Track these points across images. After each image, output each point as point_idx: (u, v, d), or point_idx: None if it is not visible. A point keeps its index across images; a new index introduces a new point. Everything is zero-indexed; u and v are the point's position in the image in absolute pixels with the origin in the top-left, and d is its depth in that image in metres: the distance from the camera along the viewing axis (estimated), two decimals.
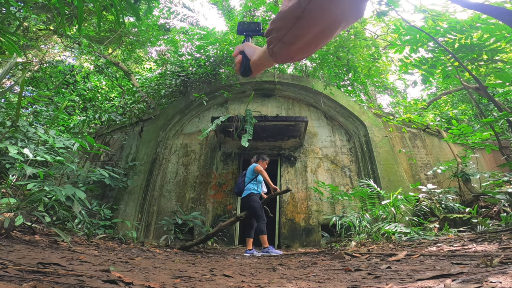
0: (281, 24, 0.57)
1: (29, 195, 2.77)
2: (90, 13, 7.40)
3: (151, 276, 1.59)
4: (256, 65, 0.78)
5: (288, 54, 0.62)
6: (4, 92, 5.00)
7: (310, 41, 0.57)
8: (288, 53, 0.62)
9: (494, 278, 1.09)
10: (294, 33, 0.56)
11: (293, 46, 0.59)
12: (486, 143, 5.32)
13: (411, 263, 1.92)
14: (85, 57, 9.36)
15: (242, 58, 0.80)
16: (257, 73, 0.80)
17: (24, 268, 1.29)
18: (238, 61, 0.82)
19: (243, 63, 0.80)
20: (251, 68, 0.79)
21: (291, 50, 0.60)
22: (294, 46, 0.59)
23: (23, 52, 7.96)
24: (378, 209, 4.10)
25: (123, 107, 7.33)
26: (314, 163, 6.11)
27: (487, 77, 5.21)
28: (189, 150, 6.46)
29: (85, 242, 3.26)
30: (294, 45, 0.59)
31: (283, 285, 1.45)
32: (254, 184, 4.30)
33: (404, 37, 4.84)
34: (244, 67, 0.79)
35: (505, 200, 3.82)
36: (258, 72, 0.80)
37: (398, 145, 6.24)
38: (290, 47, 0.60)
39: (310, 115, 6.73)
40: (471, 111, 9.46)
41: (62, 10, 2.67)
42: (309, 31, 0.54)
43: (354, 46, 6.31)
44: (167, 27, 9.96)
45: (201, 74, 6.96)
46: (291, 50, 0.60)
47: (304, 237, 5.29)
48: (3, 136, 3.49)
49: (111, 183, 5.09)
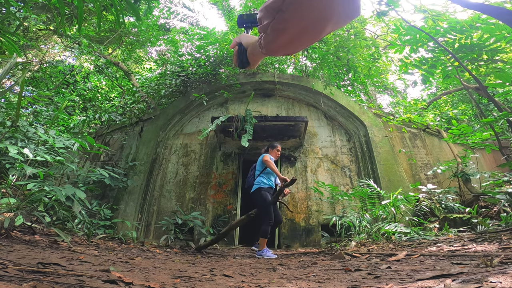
0: (263, 14, 0.57)
1: (29, 195, 2.77)
2: (90, 13, 7.40)
3: (151, 276, 1.59)
4: (252, 55, 0.76)
5: (271, 47, 0.61)
6: (4, 92, 5.00)
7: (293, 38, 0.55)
8: (272, 46, 0.60)
9: (494, 278, 1.09)
10: (275, 26, 0.55)
11: (276, 40, 0.57)
12: (486, 143, 5.32)
13: (411, 263, 1.92)
14: (85, 57, 9.36)
15: (238, 50, 0.79)
16: (254, 64, 0.78)
17: (24, 268, 1.29)
18: (235, 53, 0.80)
19: (239, 54, 0.78)
20: (248, 59, 0.77)
21: (275, 44, 0.59)
22: (277, 40, 0.57)
23: (23, 52, 7.96)
24: (378, 209, 4.10)
25: (123, 107, 7.33)
26: (314, 163, 6.11)
27: (487, 77, 5.21)
28: (189, 150, 6.46)
29: (85, 242, 3.26)
30: (276, 38, 0.57)
31: (283, 285, 1.45)
32: (263, 177, 3.91)
33: (404, 37, 4.84)
34: (240, 58, 0.77)
35: (505, 200, 3.82)
36: (255, 63, 0.78)
37: (398, 145, 6.24)
38: (274, 40, 0.58)
39: (310, 115, 6.73)
40: (471, 111, 9.46)
41: (62, 10, 2.67)
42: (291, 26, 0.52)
43: (354, 46, 6.31)
44: (167, 27, 9.95)
45: (201, 74, 6.96)
46: (274, 44, 0.59)
47: (304, 237, 5.29)
48: (3, 136, 3.49)
49: (111, 183, 5.09)
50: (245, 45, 0.77)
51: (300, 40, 0.56)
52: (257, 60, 0.77)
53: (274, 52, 0.62)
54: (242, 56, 0.77)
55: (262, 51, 0.64)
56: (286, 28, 0.53)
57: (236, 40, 0.81)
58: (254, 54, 0.74)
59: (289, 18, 0.51)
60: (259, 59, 0.77)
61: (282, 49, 0.60)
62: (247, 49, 0.76)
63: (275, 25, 0.55)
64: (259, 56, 0.74)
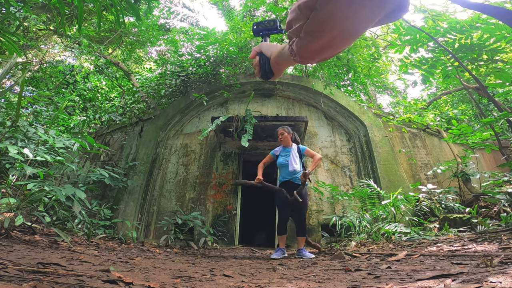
0: (295, 15, 0.50)
1: (29, 195, 2.77)
2: (90, 13, 7.40)
3: (151, 276, 1.59)
4: (276, 64, 0.68)
5: (307, 53, 0.53)
6: (4, 92, 5.00)
7: (332, 41, 0.48)
8: (307, 52, 0.52)
9: (494, 278, 1.09)
10: (310, 28, 0.47)
11: (312, 44, 0.49)
12: (486, 143, 5.32)
13: (411, 263, 1.92)
14: (85, 57, 9.36)
15: (260, 59, 0.72)
16: (279, 74, 0.71)
17: (24, 268, 1.29)
18: (256, 64, 0.73)
19: (261, 64, 0.71)
20: (272, 69, 0.70)
21: (310, 49, 0.51)
22: (313, 45, 0.50)
23: (23, 52, 7.95)
24: (378, 209, 4.10)
25: (123, 107, 7.33)
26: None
27: (487, 77, 5.20)
28: (189, 150, 6.46)
29: (85, 242, 3.26)
30: (312, 43, 0.49)
31: (283, 285, 1.45)
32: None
33: (404, 37, 4.84)
34: (263, 69, 0.71)
35: (505, 200, 3.82)
36: (280, 73, 0.71)
37: (398, 145, 6.24)
38: (309, 45, 0.50)
39: (310, 115, 6.72)
40: (471, 111, 9.46)
41: (62, 10, 2.67)
42: (328, 28, 0.45)
43: (354, 46, 6.31)
44: (167, 27, 9.96)
45: (201, 74, 6.96)
46: (310, 49, 0.51)
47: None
48: (3, 136, 3.49)
49: (111, 183, 5.09)
50: (267, 54, 0.70)
51: (340, 43, 0.49)
52: (282, 70, 0.70)
53: (310, 59, 0.55)
54: (265, 66, 0.71)
55: (294, 58, 0.56)
56: (323, 29, 0.46)
57: (256, 49, 0.74)
58: (279, 63, 0.67)
59: (326, 18, 0.44)
60: (284, 68, 0.70)
61: (319, 54, 0.52)
62: (269, 58, 0.70)
63: (309, 27, 0.48)
64: (287, 64, 0.67)
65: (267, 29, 0.89)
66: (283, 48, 0.63)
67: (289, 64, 0.65)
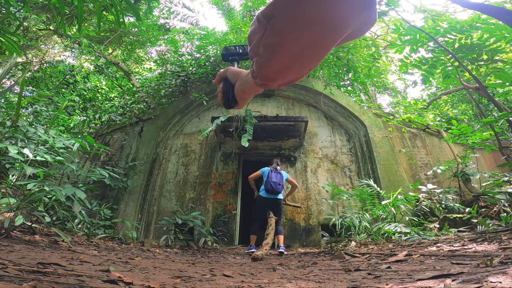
0: (254, 27, 0.42)
1: (29, 195, 2.77)
2: (90, 13, 7.40)
3: (151, 276, 1.59)
4: (241, 91, 0.59)
5: (267, 73, 0.44)
6: (4, 92, 5.00)
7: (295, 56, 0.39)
8: (267, 71, 0.44)
9: (494, 278, 1.09)
10: (267, 41, 0.40)
11: (272, 61, 0.41)
12: (486, 143, 5.32)
13: (411, 263, 1.92)
14: (85, 57, 9.36)
15: (224, 86, 0.64)
16: (243, 103, 0.63)
17: (24, 268, 1.29)
18: (219, 90, 0.65)
19: (225, 91, 0.63)
20: (236, 96, 0.61)
21: (271, 67, 0.43)
22: (273, 62, 0.41)
23: (23, 52, 7.96)
24: (378, 209, 4.10)
25: (123, 107, 7.33)
26: (314, 163, 6.11)
27: (487, 77, 5.21)
28: (189, 150, 6.46)
29: (85, 242, 3.26)
30: (272, 60, 0.41)
31: (283, 285, 1.45)
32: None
33: (404, 37, 4.84)
34: (226, 96, 0.62)
35: (505, 200, 3.82)
36: (244, 101, 0.62)
37: (398, 145, 6.24)
38: (268, 62, 0.42)
39: (310, 115, 6.73)
40: (471, 111, 9.46)
41: (62, 10, 2.67)
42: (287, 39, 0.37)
43: (354, 46, 6.31)
44: (167, 27, 9.96)
45: (201, 74, 6.96)
46: (270, 67, 0.43)
47: (304, 237, 5.29)
48: (3, 136, 3.49)
49: (111, 183, 5.09)
50: (232, 80, 0.62)
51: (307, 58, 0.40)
52: (247, 98, 0.61)
53: (272, 81, 0.46)
54: (228, 93, 0.62)
55: (256, 81, 0.49)
56: (283, 42, 0.38)
57: (221, 74, 0.65)
58: (244, 91, 0.58)
59: (287, 25, 0.36)
60: (249, 96, 0.60)
61: (282, 74, 0.44)
62: (234, 84, 0.61)
63: (267, 40, 0.40)
64: (250, 91, 0.57)
65: (237, 54, 0.82)
66: (247, 74, 0.56)
67: (254, 91, 0.57)
